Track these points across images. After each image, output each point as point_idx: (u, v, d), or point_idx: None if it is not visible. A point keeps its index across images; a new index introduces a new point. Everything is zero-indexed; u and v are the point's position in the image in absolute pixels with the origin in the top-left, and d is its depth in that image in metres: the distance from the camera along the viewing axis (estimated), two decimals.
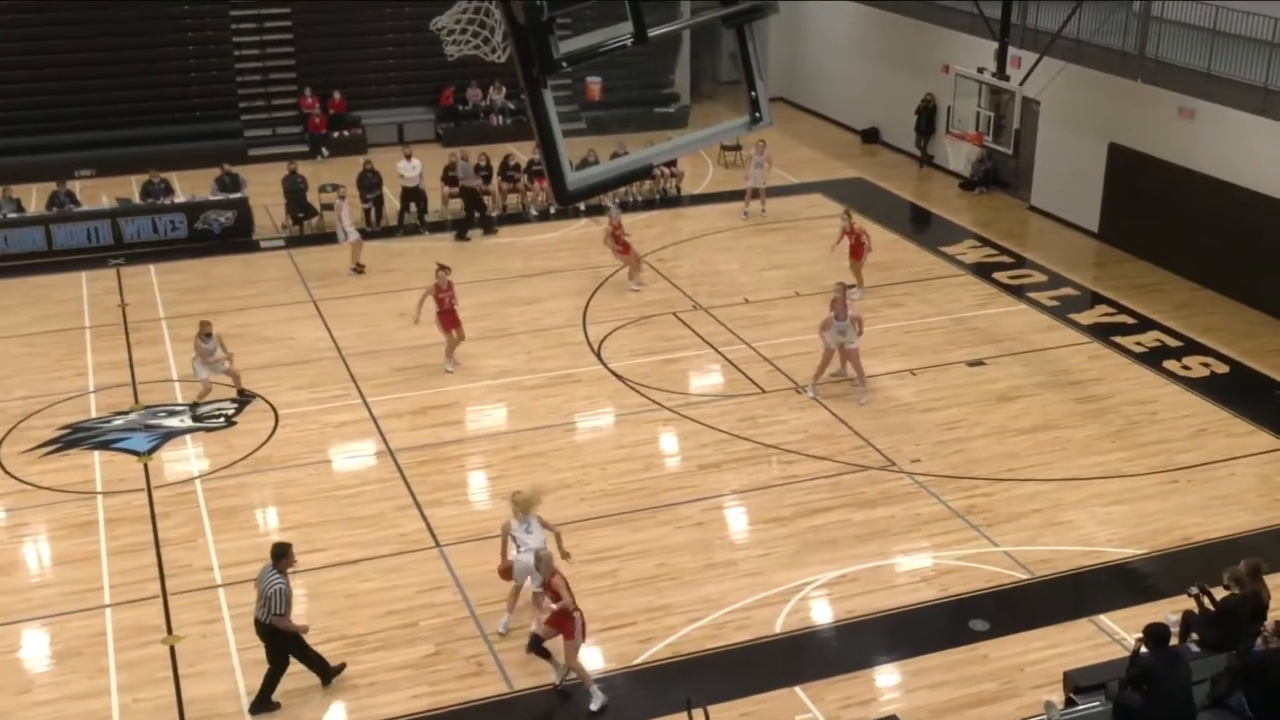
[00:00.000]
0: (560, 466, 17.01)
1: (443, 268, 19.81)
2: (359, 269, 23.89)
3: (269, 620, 12.37)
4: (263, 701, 12.56)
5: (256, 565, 14.68)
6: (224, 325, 21.44)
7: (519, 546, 13.38)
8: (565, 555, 13.69)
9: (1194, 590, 12.62)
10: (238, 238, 25.46)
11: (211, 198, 25.59)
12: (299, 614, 14.00)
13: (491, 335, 21.09)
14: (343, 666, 13.03)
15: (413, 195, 26.16)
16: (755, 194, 26.78)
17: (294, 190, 25.97)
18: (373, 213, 26.11)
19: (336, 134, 31.32)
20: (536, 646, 12.65)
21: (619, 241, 23.08)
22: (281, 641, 12.53)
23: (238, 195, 25.75)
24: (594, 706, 12.53)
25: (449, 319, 19.70)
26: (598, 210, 26.98)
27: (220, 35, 31.32)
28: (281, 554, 12.48)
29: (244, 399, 18.80)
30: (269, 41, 31.85)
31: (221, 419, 18.37)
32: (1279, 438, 17.79)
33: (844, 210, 23.25)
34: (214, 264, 24.39)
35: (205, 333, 18.65)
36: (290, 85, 31.91)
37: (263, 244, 25.50)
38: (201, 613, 14.02)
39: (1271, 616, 12.36)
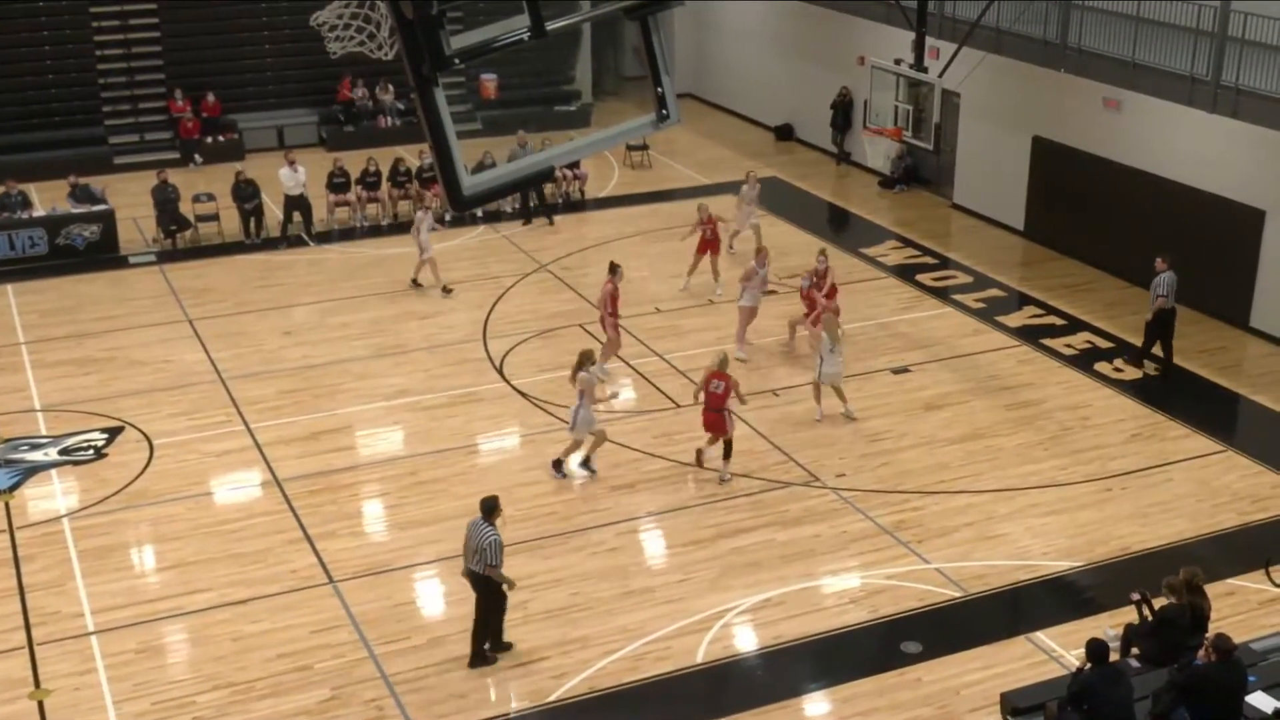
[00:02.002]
0: (463, 492, 16.91)
1: (616, 266, 19.86)
2: (446, 290, 23.31)
3: (484, 571, 13.34)
4: (498, 643, 13.73)
5: (133, 609, 14.50)
6: (91, 348, 21.12)
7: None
8: None
9: (1135, 596, 12.88)
10: (104, 254, 24.99)
11: (74, 210, 25.10)
12: (181, 659, 13.79)
13: (386, 352, 20.94)
14: (509, 646, 13.84)
15: (296, 204, 25.89)
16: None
17: (165, 201, 25.56)
18: (253, 223, 25.80)
19: (210, 139, 30.90)
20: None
21: (713, 234, 23.10)
22: (494, 591, 13.52)
23: (103, 207, 25.29)
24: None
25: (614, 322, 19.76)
26: (495, 217, 26.94)
27: (80, 34, 30.72)
28: (492, 508, 13.46)
29: (558, 473, 17.13)
30: (134, 40, 31.31)
31: (90, 450, 18.02)
32: (1215, 440, 18.24)
33: (820, 250, 22.07)
34: (79, 282, 23.93)
35: (594, 360, 17.79)
36: (159, 87, 31.42)
37: (132, 260, 25.07)
38: (73, 663, 13.72)
39: (1213, 627, 12.66)
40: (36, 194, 26.56)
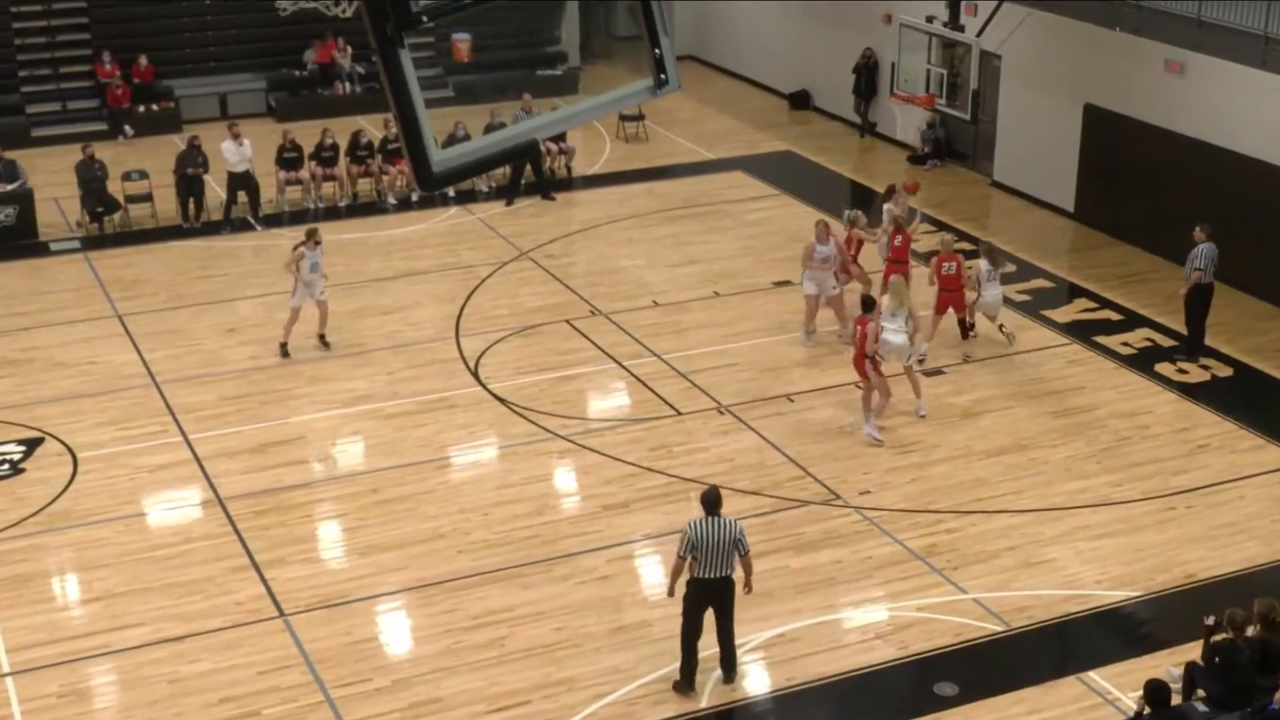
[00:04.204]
0: (433, 512, 16.93)
1: (872, 302, 18.97)
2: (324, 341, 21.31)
3: (739, 565, 13.42)
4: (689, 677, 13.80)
5: (54, 647, 14.49)
6: (6, 348, 21.18)
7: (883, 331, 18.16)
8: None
9: (1209, 621, 12.92)
10: (21, 239, 25.00)
11: None
12: (109, 704, 13.79)
13: (344, 353, 20.95)
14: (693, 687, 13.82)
15: (241, 183, 25.91)
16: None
17: (90, 179, 25.57)
18: (192, 204, 25.79)
19: (143, 108, 30.91)
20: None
21: (854, 253, 21.67)
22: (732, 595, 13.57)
23: (18, 186, 25.29)
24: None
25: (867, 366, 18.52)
26: (469, 197, 26.95)
27: None
28: (718, 498, 13.45)
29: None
30: None
31: (4, 465, 18.03)
32: None
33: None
34: None
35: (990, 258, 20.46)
36: (84, 49, 31.43)
37: (52, 246, 25.09)
38: None
39: None
40: None
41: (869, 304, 18.82)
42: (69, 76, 31.36)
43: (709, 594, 13.42)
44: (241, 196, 26.01)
